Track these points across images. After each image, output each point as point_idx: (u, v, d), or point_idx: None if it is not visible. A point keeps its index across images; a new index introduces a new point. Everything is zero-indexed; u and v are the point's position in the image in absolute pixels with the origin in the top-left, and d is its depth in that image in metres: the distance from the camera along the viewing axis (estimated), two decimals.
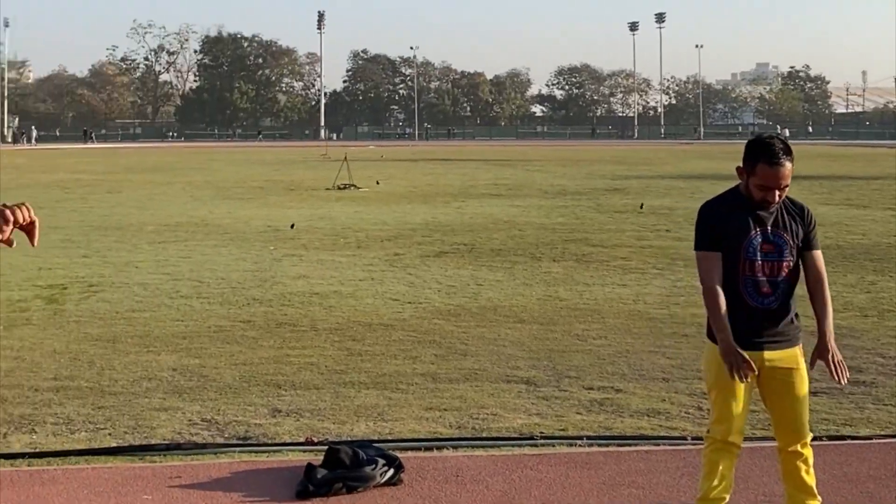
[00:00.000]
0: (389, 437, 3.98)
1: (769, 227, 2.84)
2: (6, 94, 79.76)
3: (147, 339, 6.25)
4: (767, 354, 2.80)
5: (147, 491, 3.37)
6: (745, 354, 2.73)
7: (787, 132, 67.29)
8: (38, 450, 3.89)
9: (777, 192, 2.78)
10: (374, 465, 3.40)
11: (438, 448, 3.90)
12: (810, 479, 2.87)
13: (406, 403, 4.71)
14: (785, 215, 2.87)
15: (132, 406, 4.59)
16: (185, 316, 7.04)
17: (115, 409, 4.54)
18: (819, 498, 2.88)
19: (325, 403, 4.74)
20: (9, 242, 1.94)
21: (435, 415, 4.50)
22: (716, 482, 2.85)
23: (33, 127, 71.91)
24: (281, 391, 4.94)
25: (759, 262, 2.84)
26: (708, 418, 3.06)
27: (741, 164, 2.88)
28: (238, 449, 3.91)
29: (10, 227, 1.93)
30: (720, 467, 2.82)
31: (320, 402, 4.76)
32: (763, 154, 2.80)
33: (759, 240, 2.84)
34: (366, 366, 5.54)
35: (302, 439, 4.00)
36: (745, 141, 3.05)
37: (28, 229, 1.97)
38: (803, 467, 2.86)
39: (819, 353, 2.84)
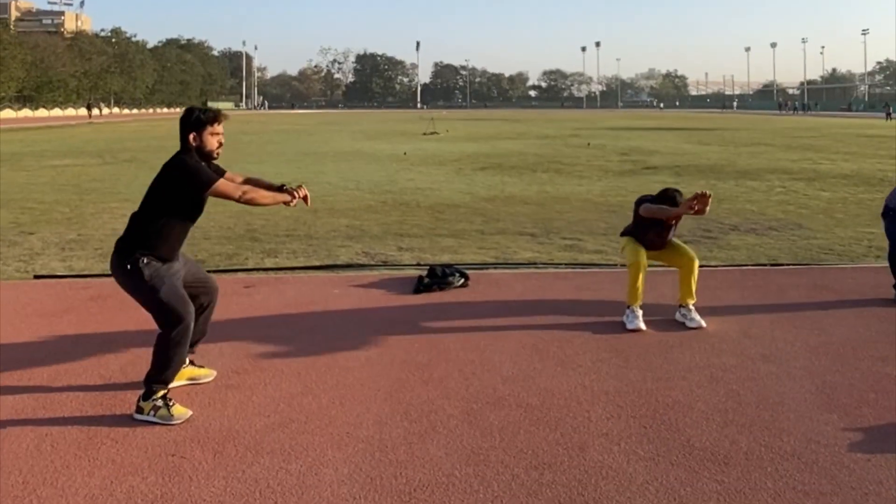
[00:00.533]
0: (460, 263, 6.97)
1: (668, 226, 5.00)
2: (256, 83, 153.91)
3: (332, 210, 10.49)
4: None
5: (336, 287, 6.48)
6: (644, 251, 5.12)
7: (661, 105, 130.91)
8: (279, 266, 7.17)
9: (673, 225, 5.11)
10: (454, 276, 6.12)
11: (486, 268, 6.94)
12: (694, 285, 4.96)
13: (468, 245, 7.96)
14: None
15: (326, 244, 7.98)
16: (351, 199, 11.85)
17: (317, 245, 7.94)
18: (695, 298, 5.00)
19: (426, 244, 8.00)
20: (293, 205, 3.64)
21: (483, 251, 7.68)
22: (636, 288, 4.88)
23: (265, 100, 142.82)
24: (402, 238, 8.31)
25: (662, 232, 4.98)
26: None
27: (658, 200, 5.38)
28: (381, 267, 7.04)
29: (295, 200, 4.10)
30: (638, 278, 4.96)
31: (423, 244, 8.02)
32: (667, 199, 5.28)
33: (660, 227, 4.95)
34: (446, 226, 9.15)
35: (415, 262, 7.12)
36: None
37: (304, 199, 3.74)
38: (692, 279, 4.96)
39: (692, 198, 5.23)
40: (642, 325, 4.90)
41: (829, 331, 4.90)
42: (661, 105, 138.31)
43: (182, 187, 3.54)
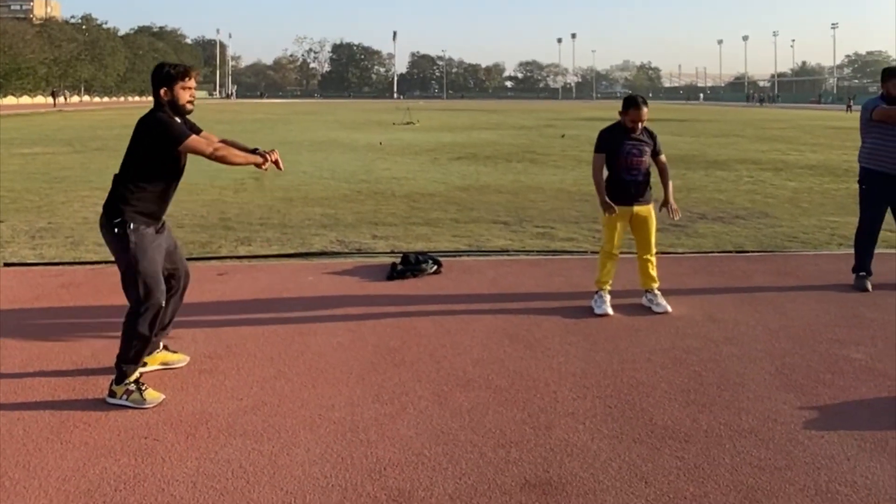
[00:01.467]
0: (434, 250, 7.04)
1: (634, 141, 5.22)
2: (230, 72, 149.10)
3: (307, 199, 10.42)
4: (636, 208, 5.16)
5: (309, 275, 6.53)
6: (618, 207, 5.02)
7: (640, 96, 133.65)
8: (252, 254, 7.18)
9: (639, 123, 5.31)
10: (427, 263, 6.21)
11: (459, 255, 7.02)
12: (653, 272, 5.20)
13: (442, 234, 8.01)
14: (644, 135, 5.29)
15: (300, 233, 7.99)
16: (326, 188, 11.76)
17: (291, 234, 7.94)
18: (658, 282, 5.22)
19: (400, 232, 8.04)
20: (264, 169, 3.68)
21: (457, 239, 7.74)
22: (604, 273, 5.14)
23: (233, 90, 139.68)
24: (377, 226, 8.33)
25: (630, 159, 5.13)
26: (601, 242, 5.47)
27: (621, 110, 5.41)
28: (356, 255, 7.08)
29: (266, 163, 3.80)
30: (607, 265, 5.17)
31: (397, 232, 8.05)
32: (632, 104, 5.36)
33: (629, 147, 5.20)
34: (420, 214, 9.16)
35: (389, 250, 7.17)
36: (619, 100, 5.60)
37: (276, 163, 3.74)
38: (650, 266, 5.22)
39: (665, 202, 5.23)
40: (610, 310, 5.01)
41: (790, 314, 5.06)
42: (620, 95, 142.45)
43: (155, 143, 3.56)
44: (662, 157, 5.37)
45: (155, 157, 3.61)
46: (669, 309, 5.07)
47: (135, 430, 3.30)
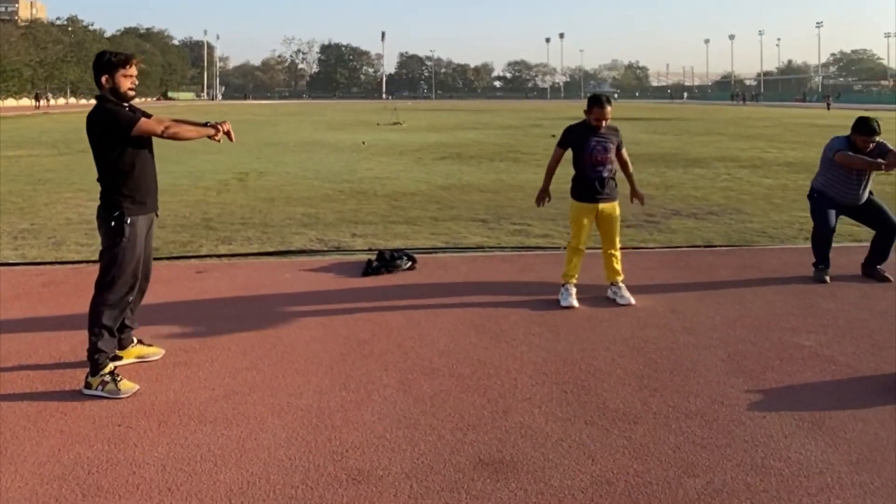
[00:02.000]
0: (411, 248, 7.19)
1: (599, 138, 5.38)
2: (218, 73, 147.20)
3: (289, 199, 10.54)
4: (601, 205, 5.33)
5: (287, 272, 6.66)
6: (582, 205, 5.30)
7: (617, 94, 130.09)
8: (233, 252, 7.31)
9: (603, 121, 5.49)
10: (402, 259, 6.37)
11: (434, 252, 7.18)
12: (618, 266, 5.39)
13: (420, 231, 8.17)
14: (608, 132, 5.42)
15: (281, 232, 8.13)
16: (309, 188, 11.87)
17: (272, 233, 8.08)
18: (622, 275, 5.41)
19: (379, 231, 8.19)
20: (217, 140, 3.85)
21: (434, 237, 7.90)
22: (570, 267, 5.34)
23: (223, 89, 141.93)
24: (357, 225, 8.48)
25: (595, 155, 5.29)
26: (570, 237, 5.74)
27: (586, 108, 5.53)
28: (334, 253, 7.24)
29: (219, 134, 4.28)
30: (573, 260, 5.36)
31: (377, 231, 8.21)
32: (596, 102, 5.52)
33: (594, 143, 5.35)
34: (400, 213, 9.29)
35: (367, 248, 7.32)
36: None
37: (227, 134, 3.90)
38: (615, 260, 5.40)
39: (633, 192, 5.46)
40: (575, 302, 5.19)
41: (749, 305, 5.25)
42: (616, 95, 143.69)
43: (110, 132, 3.71)
44: (624, 153, 5.55)
45: (116, 145, 3.75)
46: (633, 301, 5.25)
47: (109, 419, 3.44)
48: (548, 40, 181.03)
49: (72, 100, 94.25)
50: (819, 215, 6.11)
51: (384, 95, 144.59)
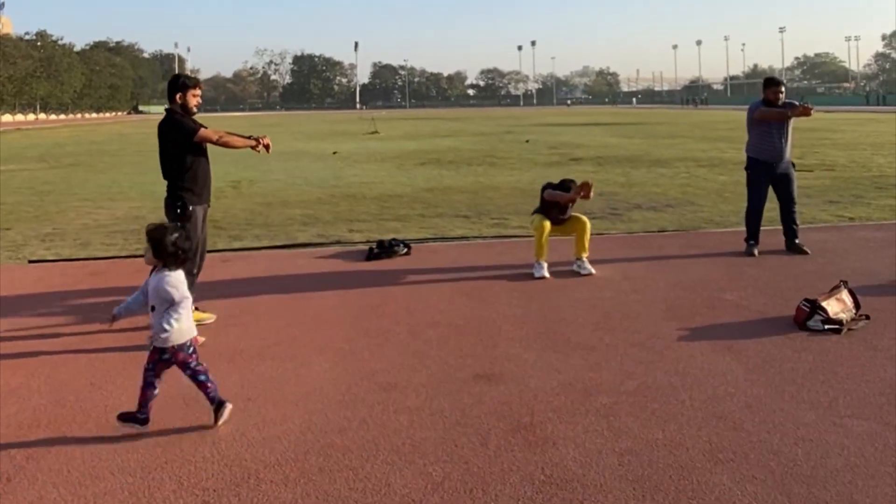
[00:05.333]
0: (405, 238, 8.29)
1: (566, 208, 6.62)
2: None
3: (285, 203, 11.57)
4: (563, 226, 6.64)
5: (299, 259, 7.68)
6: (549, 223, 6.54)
7: (569, 101, 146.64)
8: (246, 247, 8.30)
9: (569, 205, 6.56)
10: (399, 246, 7.50)
11: (425, 242, 8.27)
12: (586, 243, 6.47)
13: (410, 227, 9.27)
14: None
15: (284, 230, 9.15)
16: (301, 193, 12.89)
17: (276, 231, 9.10)
18: (587, 251, 6.64)
19: (373, 227, 9.25)
20: (256, 150, 5.13)
21: (423, 230, 9.01)
22: (540, 248, 6.35)
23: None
24: (352, 223, 9.55)
25: (562, 212, 6.51)
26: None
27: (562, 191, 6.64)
28: (336, 244, 8.29)
29: (259, 145, 5.46)
30: (541, 242, 6.46)
31: (371, 227, 9.27)
32: (563, 188, 6.57)
33: (561, 212, 6.53)
34: (390, 212, 10.40)
35: (365, 240, 8.38)
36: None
37: (266, 146, 5.29)
38: (585, 240, 6.47)
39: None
40: (546, 274, 6.29)
41: (687, 272, 6.40)
42: (569, 102, 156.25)
43: (175, 137, 4.78)
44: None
45: (180, 148, 4.81)
46: (593, 271, 6.37)
47: None
48: (520, 48, 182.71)
49: (41, 115, 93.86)
50: (753, 185, 7.28)
51: (358, 105, 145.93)
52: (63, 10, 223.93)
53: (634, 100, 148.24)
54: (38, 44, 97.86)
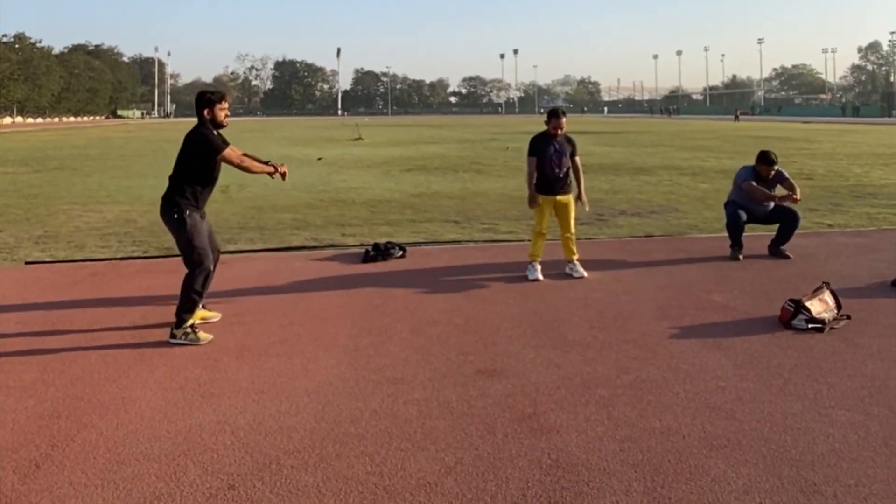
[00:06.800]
0: (399, 241, 8.46)
1: (557, 145, 6.86)
2: (169, 91, 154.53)
3: (276, 207, 11.62)
4: (558, 197, 6.77)
5: (296, 261, 7.82)
6: (544, 197, 6.75)
7: (541, 110, 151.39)
8: (240, 249, 8.41)
9: (559, 130, 6.83)
10: (394, 249, 7.68)
11: (420, 245, 8.44)
12: (573, 247, 6.70)
13: (402, 231, 9.43)
14: (564, 140, 6.89)
15: (278, 234, 9.27)
16: (291, 198, 12.87)
17: (270, 234, 9.22)
18: (577, 254, 6.78)
19: (365, 231, 9.40)
20: (272, 177, 5.51)
21: (415, 234, 9.17)
22: (536, 249, 6.62)
23: (174, 107, 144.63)
24: (344, 227, 9.68)
25: (554, 159, 6.72)
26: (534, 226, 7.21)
27: (546, 120, 6.86)
28: (330, 248, 8.43)
29: (276, 172, 5.63)
30: (537, 243, 6.64)
31: (363, 231, 9.42)
32: (553, 115, 6.86)
33: (552, 150, 6.82)
34: (381, 217, 10.59)
35: (359, 244, 8.52)
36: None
37: (283, 175, 5.49)
38: (571, 242, 6.71)
39: (579, 195, 6.85)
40: (540, 276, 6.48)
41: (676, 276, 6.63)
42: (542, 110, 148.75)
43: (200, 151, 4.87)
44: (578, 160, 6.84)
45: (197, 162, 4.91)
46: (585, 274, 6.57)
47: (197, 357, 4.58)
48: (502, 56, 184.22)
49: (18, 118, 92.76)
50: (730, 209, 7.53)
51: (340, 112, 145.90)
52: (42, 12, 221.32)
53: (605, 109, 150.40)
54: (17, 46, 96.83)
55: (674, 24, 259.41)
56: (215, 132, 5.02)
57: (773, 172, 7.38)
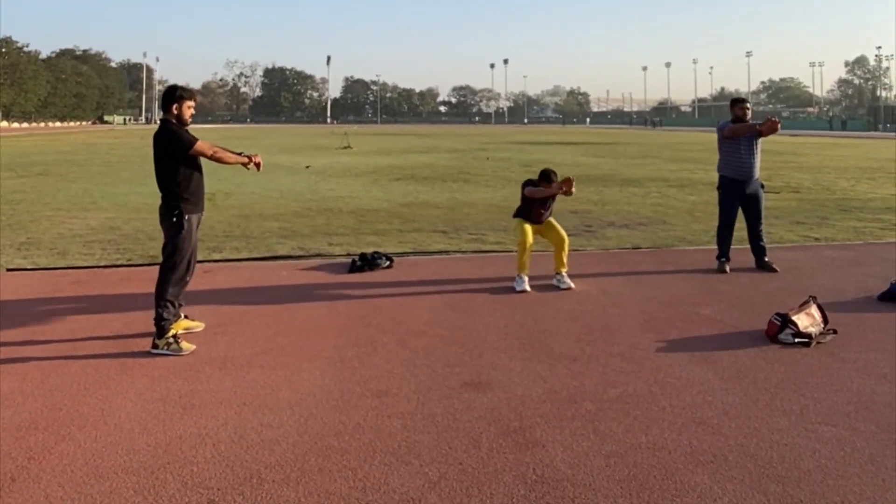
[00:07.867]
0: (386, 251, 8.42)
1: (546, 203, 6.82)
2: (157, 97, 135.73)
3: (262, 216, 11.51)
4: (544, 223, 6.89)
5: (282, 271, 7.77)
6: (529, 224, 6.75)
7: (525, 120, 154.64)
8: (226, 258, 8.34)
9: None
10: (381, 259, 7.65)
11: (407, 255, 8.40)
12: (565, 259, 6.78)
13: (389, 241, 9.38)
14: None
15: (264, 242, 9.20)
16: (278, 206, 12.79)
17: (255, 243, 9.15)
18: (566, 266, 6.95)
19: (352, 240, 9.35)
20: (247, 167, 5.60)
21: (402, 244, 9.13)
22: (522, 263, 6.59)
23: (161, 113, 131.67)
24: (331, 236, 9.62)
25: (542, 210, 6.63)
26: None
27: (538, 178, 6.91)
28: (317, 257, 8.38)
29: (251, 162, 5.63)
30: (523, 257, 6.67)
31: (350, 240, 9.37)
32: (545, 178, 6.82)
33: (541, 206, 6.76)
34: (368, 226, 10.55)
35: (345, 253, 8.47)
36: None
37: (257, 164, 5.44)
38: (564, 255, 6.69)
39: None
40: (527, 288, 6.46)
41: (663, 288, 6.62)
42: (525, 120, 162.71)
43: (171, 148, 4.84)
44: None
45: (175, 158, 4.88)
46: (572, 285, 6.56)
47: (179, 367, 4.51)
48: (492, 66, 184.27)
49: (4, 123, 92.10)
50: (724, 204, 7.57)
51: (329, 120, 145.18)
52: (30, 17, 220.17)
53: (588, 120, 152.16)
54: (3, 50, 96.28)
55: (663, 36, 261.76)
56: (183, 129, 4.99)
57: (748, 112, 7.53)
